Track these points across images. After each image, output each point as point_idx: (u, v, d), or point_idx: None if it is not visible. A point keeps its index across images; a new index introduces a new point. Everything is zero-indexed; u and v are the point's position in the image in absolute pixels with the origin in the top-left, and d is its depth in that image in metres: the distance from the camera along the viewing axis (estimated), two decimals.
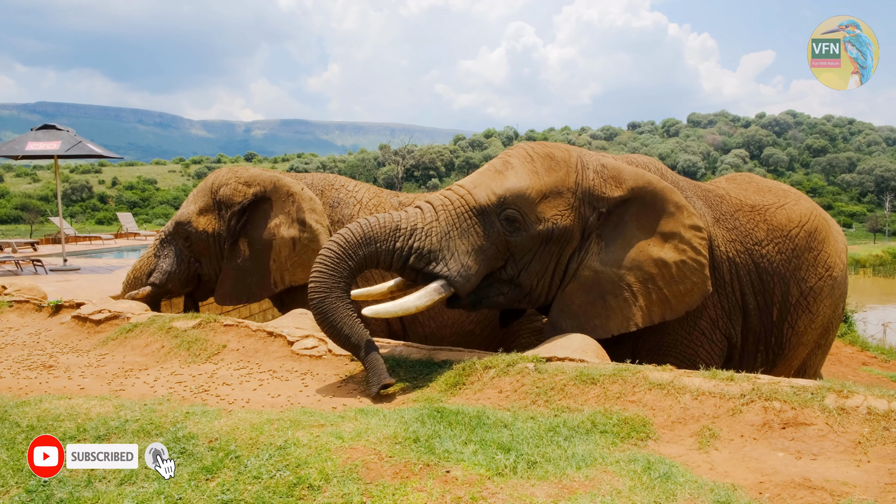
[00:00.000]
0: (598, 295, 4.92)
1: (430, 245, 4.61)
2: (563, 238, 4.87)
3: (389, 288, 4.92)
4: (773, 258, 5.50)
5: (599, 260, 4.94)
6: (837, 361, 12.58)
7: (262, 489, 2.70)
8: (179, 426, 3.34)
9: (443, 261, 4.61)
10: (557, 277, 4.98)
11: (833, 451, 3.05)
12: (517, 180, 4.82)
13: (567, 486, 2.70)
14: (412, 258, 4.59)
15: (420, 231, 4.64)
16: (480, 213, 4.74)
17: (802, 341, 5.71)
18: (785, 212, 5.68)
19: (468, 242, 4.67)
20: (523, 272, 4.87)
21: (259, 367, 4.92)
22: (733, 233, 5.47)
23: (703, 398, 3.53)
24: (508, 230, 4.75)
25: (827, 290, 5.65)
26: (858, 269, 42.90)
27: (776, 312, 5.53)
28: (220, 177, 6.87)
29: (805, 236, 5.62)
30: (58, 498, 2.79)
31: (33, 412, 3.64)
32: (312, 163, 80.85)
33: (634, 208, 5.01)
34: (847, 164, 78.82)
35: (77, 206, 61.96)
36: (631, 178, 5.01)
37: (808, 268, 5.58)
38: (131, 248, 19.83)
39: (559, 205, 4.84)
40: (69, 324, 6.35)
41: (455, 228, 4.68)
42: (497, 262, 4.81)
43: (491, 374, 4.16)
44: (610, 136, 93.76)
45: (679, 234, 4.95)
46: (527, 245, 4.80)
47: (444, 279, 4.61)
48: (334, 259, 4.45)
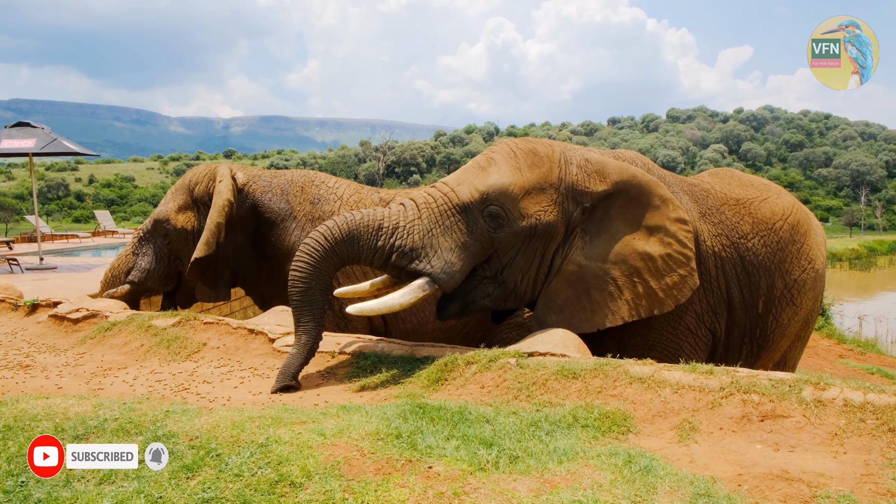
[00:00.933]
0: (582, 289, 4.93)
1: (413, 243, 4.62)
2: (546, 234, 4.88)
3: (374, 285, 4.90)
4: (759, 251, 5.53)
5: (584, 255, 4.95)
6: (815, 354, 12.76)
7: (243, 487, 2.69)
8: (159, 425, 3.31)
9: (426, 258, 4.62)
10: (542, 273, 4.98)
11: (810, 443, 3.10)
12: (500, 177, 4.82)
13: (549, 480, 2.72)
14: (394, 256, 4.61)
15: (402, 229, 4.65)
16: (463, 209, 4.74)
17: (786, 333, 5.78)
18: (769, 205, 5.73)
19: (451, 239, 4.68)
20: (507, 268, 4.87)
21: (240, 364, 4.89)
22: (719, 227, 5.49)
23: (683, 392, 3.56)
24: (492, 226, 4.76)
25: (810, 283, 5.71)
26: (835, 262, 43.52)
27: (761, 305, 5.57)
28: (198, 174, 6.81)
29: (789, 229, 5.67)
30: (35, 498, 2.75)
31: (10, 412, 3.59)
32: (293, 159, 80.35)
33: (619, 202, 5.01)
34: (823, 158, 79.83)
35: (53, 205, 61.09)
36: (615, 173, 5.01)
37: (792, 260, 5.64)
38: (109, 247, 19.62)
39: (542, 200, 4.84)
40: (46, 323, 6.27)
41: (438, 226, 4.69)
42: (481, 259, 4.82)
43: (473, 369, 4.17)
44: (590, 131, 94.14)
45: (664, 227, 4.96)
46: (510, 241, 4.81)
47: (427, 276, 4.61)
48: (317, 253, 4.48)
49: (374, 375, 4.43)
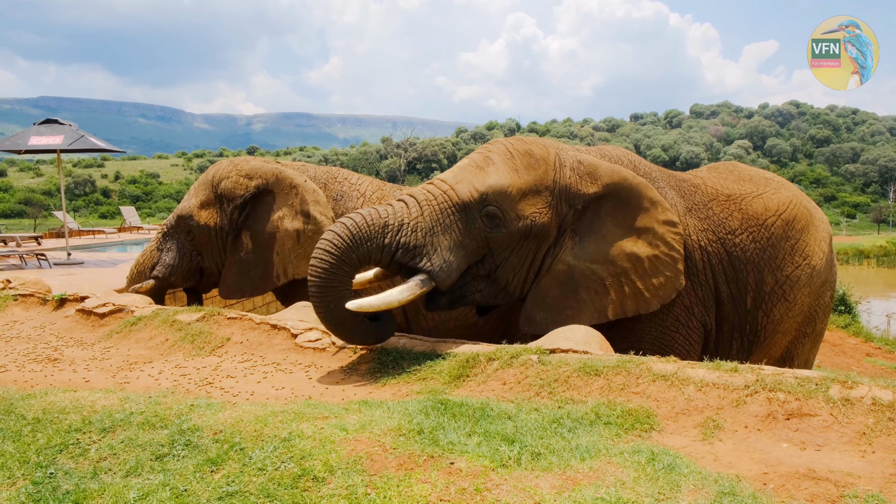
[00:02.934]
0: (571, 288, 5.08)
1: (416, 240, 4.72)
2: (540, 235, 5.01)
3: (376, 275, 5.10)
4: (747, 247, 5.54)
5: (573, 255, 5.09)
6: (841, 352, 12.58)
7: (266, 481, 2.71)
8: (184, 418, 3.35)
9: (426, 256, 4.72)
10: (533, 272, 5.12)
11: (837, 442, 3.05)
12: (498, 177, 4.92)
13: (571, 477, 2.71)
14: (399, 253, 4.71)
15: (406, 226, 4.74)
16: (462, 208, 4.85)
17: (779, 329, 5.73)
18: (762, 201, 5.70)
19: (450, 238, 4.79)
20: (501, 267, 5.00)
21: (263, 359, 4.92)
22: (705, 222, 5.54)
23: (706, 389, 3.53)
24: (489, 226, 4.87)
25: (805, 279, 5.64)
26: (862, 259, 42.79)
27: (750, 301, 5.58)
28: (221, 170, 6.86)
29: (782, 225, 5.63)
30: (64, 489, 2.80)
31: (39, 405, 3.65)
32: (314, 156, 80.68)
33: (610, 204, 5.14)
34: (851, 154, 78.55)
35: (80, 201, 62.01)
36: (606, 175, 5.13)
37: (785, 257, 5.59)
38: (134, 242, 19.88)
39: (538, 202, 4.97)
40: (73, 317, 6.36)
41: (438, 224, 4.79)
42: (476, 257, 4.94)
43: (495, 365, 4.16)
44: (612, 127, 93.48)
45: (653, 229, 5.09)
46: (506, 241, 4.93)
47: (426, 273, 4.72)
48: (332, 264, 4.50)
49: (395, 371, 4.44)
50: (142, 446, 3.12)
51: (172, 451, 3.05)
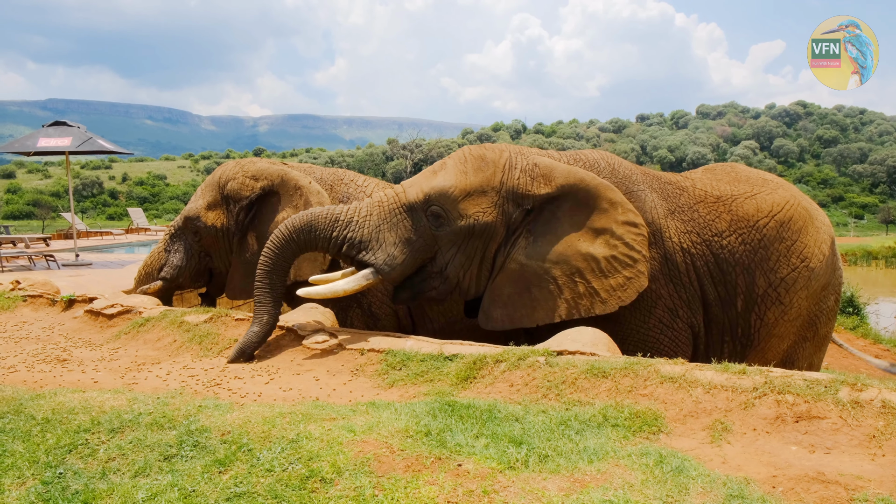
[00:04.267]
0: (524, 286, 5.19)
1: (362, 236, 5.19)
2: (485, 233, 5.18)
3: (344, 274, 5.42)
4: (736, 249, 5.47)
5: (525, 254, 5.19)
6: (850, 355, 12.51)
7: (274, 482, 2.72)
8: (192, 419, 3.36)
9: (371, 250, 5.17)
10: (486, 270, 5.29)
11: (847, 445, 3.04)
12: (444, 180, 5.21)
13: (579, 479, 2.70)
14: (345, 246, 5.20)
15: (355, 223, 5.22)
16: (410, 209, 5.21)
17: (774, 333, 5.63)
18: (754, 202, 5.61)
19: (396, 235, 5.19)
20: (450, 264, 5.24)
21: (270, 361, 4.94)
22: (689, 224, 5.50)
23: (715, 391, 3.52)
24: (434, 225, 5.17)
25: (802, 282, 5.53)
26: (870, 260, 42.57)
27: (741, 303, 5.51)
28: (228, 171, 6.88)
29: (776, 226, 5.52)
30: (73, 489, 2.81)
31: (48, 405, 3.67)
32: (320, 157, 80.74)
33: (567, 205, 5.21)
34: (858, 154, 78.12)
35: (88, 202, 62.24)
36: (561, 176, 5.22)
37: (779, 258, 5.49)
38: (142, 243, 19.95)
39: (482, 202, 5.16)
40: (82, 318, 6.40)
41: (386, 222, 5.21)
42: (427, 254, 5.24)
43: (502, 367, 4.16)
44: (618, 128, 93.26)
45: (611, 229, 5.13)
46: (451, 239, 5.19)
47: (372, 267, 5.15)
48: (279, 241, 5.16)
49: (402, 373, 4.45)
50: (150, 447, 3.13)
51: (181, 452, 3.06)
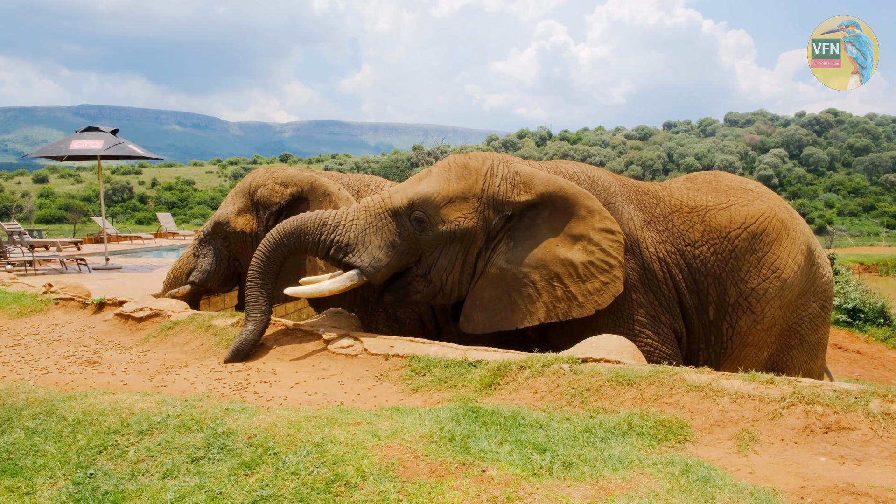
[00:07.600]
0: (503, 290, 5.35)
1: (348, 239, 5.38)
2: (466, 238, 5.36)
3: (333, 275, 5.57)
4: (708, 259, 5.58)
5: (505, 259, 5.36)
6: (881, 366, 12.29)
7: (300, 485, 2.74)
8: (219, 422, 3.40)
9: (356, 253, 5.36)
10: (467, 274, 5.47)
11: (878, 457, 2.99)
12: (428, 186, 5.43)
13: (603, 487, 2.69)
14: (332, 249, 5.39)
15: (342, 227, 5.41)
16: (394, 214, 5.40)
17: (748, 342, 5.70)
18: (728, 213, 5.68)
19: (381, 238, 5.37)
20: (433, 268, 5.43)
21: (295, 365, 4.98)
22: (664, 234, 5.63)
23: (741, 401, 3.48)
24: (417, 229, 5.37)
25: (773, 292, 5.59)
26: None
27: (713, 312, 5.62)
28: (258, 177, 6.96)
29: (748, 238, 5.60)
30: (103, 490, 2.87)
31: (79, 407, 3.74)
32: (346, 163, 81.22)
33: (547, 212, 5.38)
34: (891, 163, 76.62)
35: (118, 207, 63.25)
36: (541, 185, 5.39)
37: (750, 269, 5.57)
38: (170, 248, 20.20)
39: (464, 208, 5.36)
40: (112, 321, 6.50)
41: (371, 226, 5.41)
42: (411, 258, 5.43)
43: (526, 374, 4.16)
44: (645, 135, 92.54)
45: (588, 236, 5.28)
46: (433, 243, 5.38)
47: (357, 269, 5.33)
48: (270, 244, 5.34)
49: (426, 378, 4.46)
50: (178, 449, 3.18)
51: (208, 455, 3.11)
